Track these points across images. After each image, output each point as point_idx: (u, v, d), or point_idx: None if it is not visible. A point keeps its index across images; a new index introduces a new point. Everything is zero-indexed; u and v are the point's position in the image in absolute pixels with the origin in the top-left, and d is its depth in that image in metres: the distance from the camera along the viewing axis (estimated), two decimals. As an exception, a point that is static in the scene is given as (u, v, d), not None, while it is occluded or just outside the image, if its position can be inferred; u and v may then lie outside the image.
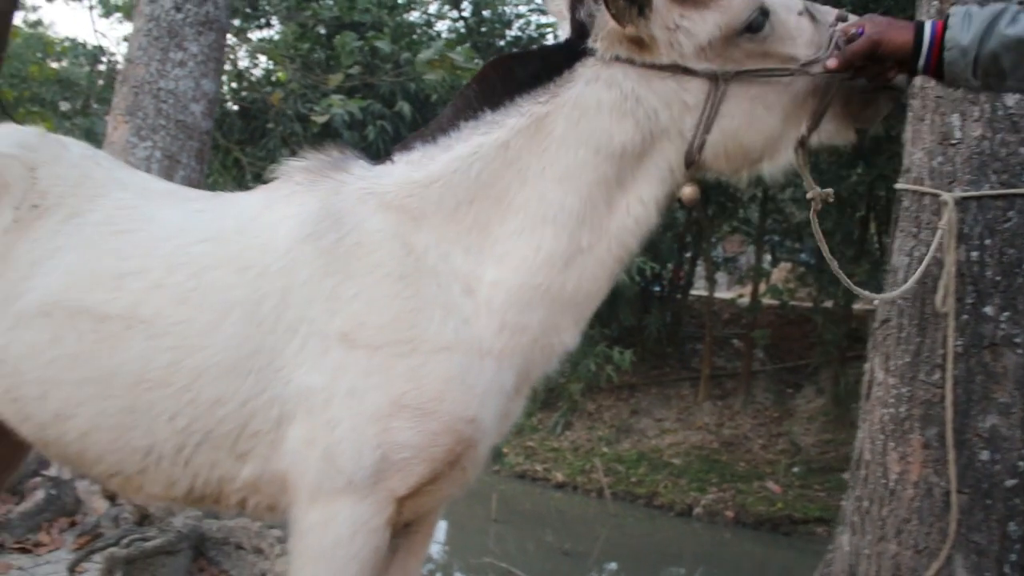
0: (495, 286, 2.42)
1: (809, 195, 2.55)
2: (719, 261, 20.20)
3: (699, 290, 21.10)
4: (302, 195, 2.59)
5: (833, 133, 2.47)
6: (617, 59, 2.38)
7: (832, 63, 2.34)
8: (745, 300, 19.31)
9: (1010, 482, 3.25)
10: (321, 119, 8.62)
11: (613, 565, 13.67)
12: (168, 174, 5.91)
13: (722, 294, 21.19)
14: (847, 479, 3.63)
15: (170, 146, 5.97)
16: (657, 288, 20.31)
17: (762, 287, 18.63)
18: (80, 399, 2.55)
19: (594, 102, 2.39)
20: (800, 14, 2.41)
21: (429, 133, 2.60)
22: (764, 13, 2.34)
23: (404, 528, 2.66)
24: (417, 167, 2.54)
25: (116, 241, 2.65)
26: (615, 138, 2.39)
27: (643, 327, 18.77)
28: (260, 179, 13.60)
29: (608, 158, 2.40)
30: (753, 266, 19.20)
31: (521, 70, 2.51)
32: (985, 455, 3.25)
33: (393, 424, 2.34)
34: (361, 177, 2.58)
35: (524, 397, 2.61)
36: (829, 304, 17.57)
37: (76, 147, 3.03)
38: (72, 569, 4.73)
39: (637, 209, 2.45)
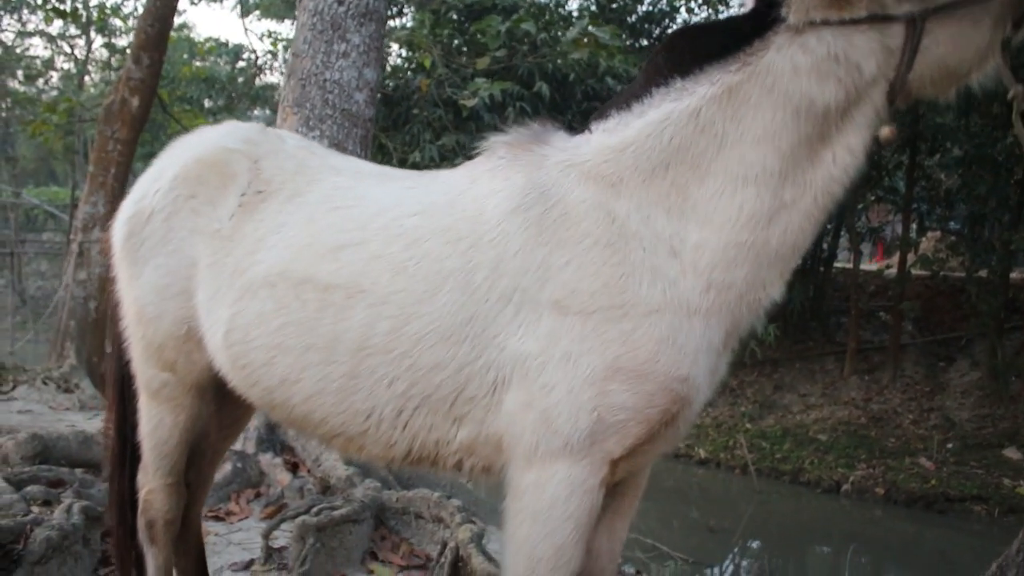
0: (699, 248, 2.48)
1: (1011, 95, 2.44)
2: (863, 232, 19.53)
3: (842, 262, 20.54)
4: (506, 169, 2.71)
5: None
6: (811, 24, 2.38)
7: None
8: (892, 271, 18.68)
9: None
10: (471, 102, 8.80)
11: (758, 542, 13.54)
12: (335, 161, 6.17)
13: (866, 266, 20.56)
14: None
15: (336, 134, 6.22)
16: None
17: (909, 257, 17.97)
18: (305, 364, 2.75)
19: (789, 67, 2.41)
20: None
21: (623, 100, 2.68)
22: None
23: (612, 489, 2.75)
24: (612, 134, 2.63)
25: (334, 217, 2.84)
26: (817, 100, 2.40)
27: (786, 301, 18.33)
28: (405, 164, 13.97)
29: (809, 119, 2.42)
30: (899, 236, 18.52)
31: (708, 40, 2.56)
32: None
33: (609, 387, 2.43)
34: (561, 149, 2.68)
35: (730, 352, 2.67)
36: (984, 273, 16.81)
37: (291, 139, 3.26)
38: (267, 535, 5.02)
39: (845, 159, 2.46)
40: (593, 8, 18.50)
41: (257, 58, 22.30)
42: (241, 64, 25.47)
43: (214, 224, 3.01)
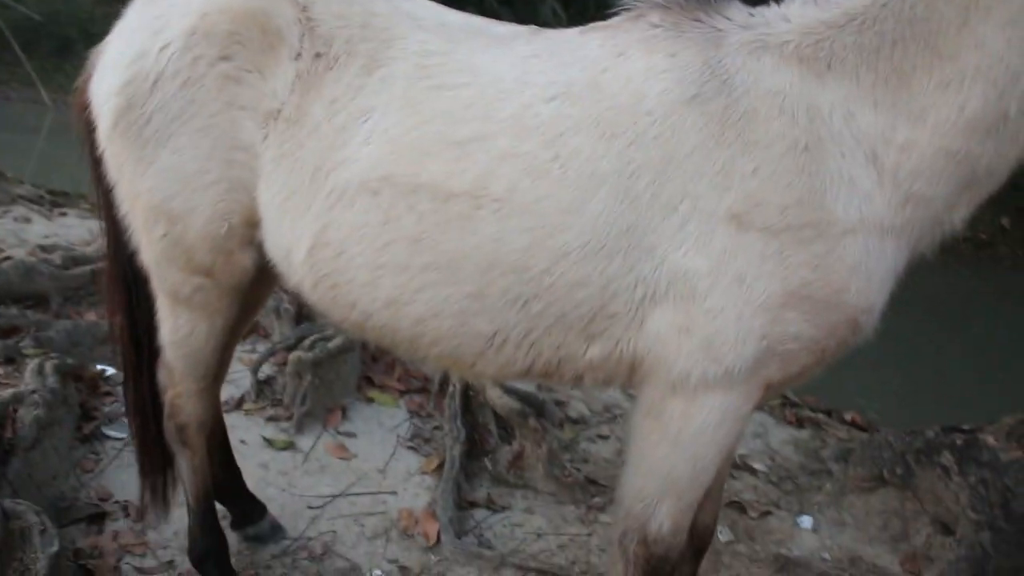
0: (905, 150, 2.14)
1: None
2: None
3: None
4: (669, 43, 2.24)
5: None
6: None
7: None
8: None
9: None
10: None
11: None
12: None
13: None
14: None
15: None
16: None
17: None
18: (419, 285, 2.33)
19: None
20: None
21: None
22: None
23: None
24: (825, 6, 2.20)
25: (441, 99, 2.31)
26: None
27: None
28: None
29: None
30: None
31: None
32: None
33: (786, 315, 2.16)
34: (745, 25, 2.23)
35: None
36: None
37: None
38: (255, 370, 4.69)
39: None
40: None
41: None
42: None
43: (269, 101, 2.40)
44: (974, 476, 3.82)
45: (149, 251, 2.69)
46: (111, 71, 2.56)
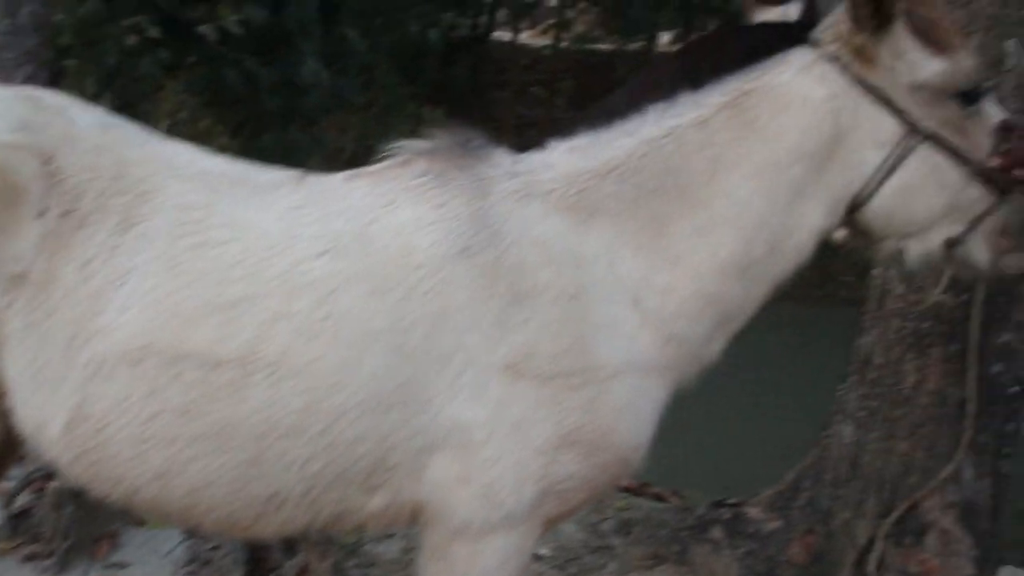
0: (666, 294, 2.27)
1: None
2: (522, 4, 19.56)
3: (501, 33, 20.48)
4: (436, 193, 2.26)
5: (980, 255, 2.37)
6: (836, 59, 2.25)
7: (995, 162, 2.27)
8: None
9: (1013, 390, 3.64)
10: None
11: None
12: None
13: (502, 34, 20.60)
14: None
15: None
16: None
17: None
18: (190, 456, 2.21)
19: (800, 96, 2.25)
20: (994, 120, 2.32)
21: (599, 118, 2.32)
22: (982, 91, 2.29)
23: None
24: (587, 155, 2.28)
25: (204, 259, 2.20)
26: (810, 138, 2.25)
27: (449, 80, 18.15)
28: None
29: (799, 159, 2.26)
30: (554, 8, 18.80)
31: (733, 47, 2.33)
32: (997, 367, 3.57)
33: (560, 457, 2.24)
34: (511, 173, 2.28)
35: None
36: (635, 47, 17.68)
37: (79, 112, 2.39)
38: (8, 504, 4.30)
39: (800, 235, 2.33)
40: None
41: None
42: None
43: (12, 264, 2.20)
44: (742, 548, 4.09)
45: None
46: None
